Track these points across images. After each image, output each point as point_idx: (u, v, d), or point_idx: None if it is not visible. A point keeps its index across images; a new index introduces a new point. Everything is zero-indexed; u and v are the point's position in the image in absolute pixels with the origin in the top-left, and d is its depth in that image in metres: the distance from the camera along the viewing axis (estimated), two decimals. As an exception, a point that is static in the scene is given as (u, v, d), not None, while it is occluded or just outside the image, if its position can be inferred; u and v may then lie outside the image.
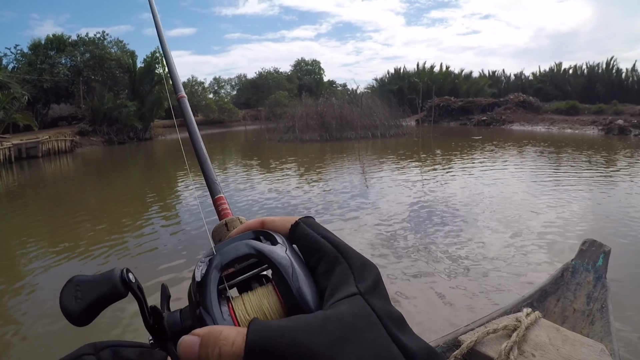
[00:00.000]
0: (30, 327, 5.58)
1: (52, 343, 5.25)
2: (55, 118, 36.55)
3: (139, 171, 21.93)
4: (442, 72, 60.05)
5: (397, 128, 34.91)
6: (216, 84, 69.19)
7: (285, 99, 52.00)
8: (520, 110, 42.31)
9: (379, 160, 20.66)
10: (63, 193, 15.35)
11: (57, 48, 38.01)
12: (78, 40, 39.20)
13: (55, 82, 35.01)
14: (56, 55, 37.13)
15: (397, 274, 6.68)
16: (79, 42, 39.01)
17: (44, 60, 35.47)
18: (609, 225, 8.83)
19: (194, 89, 52.88)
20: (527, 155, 20.50)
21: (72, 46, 38.26)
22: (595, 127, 31.44)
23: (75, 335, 5.48)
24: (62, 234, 9.77)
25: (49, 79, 34.41)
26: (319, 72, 78.97)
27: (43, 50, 36.89)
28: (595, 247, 4.14)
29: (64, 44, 38.30)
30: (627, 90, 43.29)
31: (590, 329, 3.54)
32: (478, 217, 9.70)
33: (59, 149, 28.01)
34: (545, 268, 6.62)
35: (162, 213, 11.57)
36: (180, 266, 7.39)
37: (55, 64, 36.22)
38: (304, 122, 32.94)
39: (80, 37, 39.79)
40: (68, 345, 3.47)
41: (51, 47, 38.00)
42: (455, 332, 3.12)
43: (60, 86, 35.94)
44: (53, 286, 6.74)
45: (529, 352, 2.78)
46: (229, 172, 18.93)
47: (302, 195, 12.78)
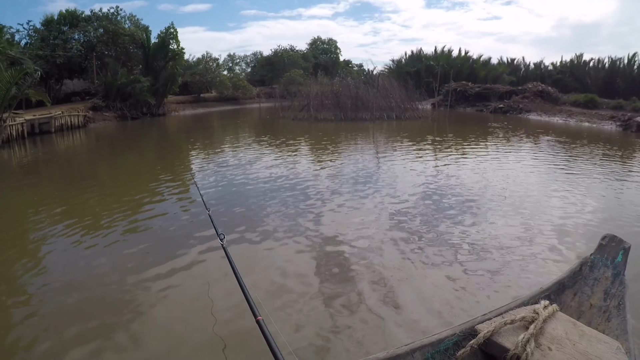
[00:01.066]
0: (40, 299, 5.43)
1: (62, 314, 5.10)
2: (68, 94, 36.54)
3: (152, 147, 21.81)
4: (461, 57, 59.42)
5: (412, 111, 34.59)
6: (230, 61, 68.93)
7: (301, 78, 51.63)
8: (538, 99, 41.78)
9: (394, 143, 20.49)
10: (75, 168, 15.24)
11: (70, 23, 37.58)
12: (91, 16, 38.77)
13: (68, 58, 34.73)
14: (69, 31, 36.74)
15: (409, 258, 6.54)
16: (92, 18, 38.56)
17: (56, 36, 35.11)
18: (623, 221, 8.49)
19: (208, 65, 52.49)
20: (544, 145, 20.09)
21: (86, 21, 37.84)
22: (613, 122, 30.87)
23: (86, 307, 5.35)
24: (73, 207, 9.67)
25: (62, 55, 34.12)
26: (335, 51, 78.53)
27: (56, 25, 36.47)
28: (615, 242, 4.09)
29: (77, 20, 37.87)
30: (649, 87, 42.17)
31: (606, 326, 3.44)
32: (492, 205, 9.51)
33: (71, 125, 27.90)
34: (557, 261, 6.43)
35: (174, 189, 11.39)
36: (192, 238, 7.29)
37: (68, 40, 35.89)
38: (318, 101, 32.78)
39: (94, 12, 39.42)
40: (80, 316, 3.22)
41: (64, 23, 37.54)
42: (472, 321, 3.02)
43: (73, 62, 35.67)
44: (65, 258, 6.63)
45: (546, 346, 2.72)
46: (241, 148, 18.75)
47: (314, 175, 12.67)
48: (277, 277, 5.84)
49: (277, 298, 5.28)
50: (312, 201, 9.70)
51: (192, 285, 5.75)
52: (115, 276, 5.96)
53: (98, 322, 4.84)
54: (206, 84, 51.87)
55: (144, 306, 5.19)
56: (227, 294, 5.24)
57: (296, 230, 7.75)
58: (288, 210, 9.04)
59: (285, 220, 8.38)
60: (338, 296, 5.32)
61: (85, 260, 6.56)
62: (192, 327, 4.75)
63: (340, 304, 5.14)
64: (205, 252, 6.72)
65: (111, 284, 5.75)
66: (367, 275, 5.90)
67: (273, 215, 8.70)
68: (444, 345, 2.81)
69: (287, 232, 7.66)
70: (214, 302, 5.10)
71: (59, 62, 33.88)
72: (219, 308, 5.00)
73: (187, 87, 49.62)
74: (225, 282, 5.51)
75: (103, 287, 5.68)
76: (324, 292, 5.42)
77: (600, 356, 2.68)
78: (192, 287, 5.69)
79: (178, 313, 5.06)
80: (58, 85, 35.79)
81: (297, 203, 9.56)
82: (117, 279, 5.87)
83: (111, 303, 5.28)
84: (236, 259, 6.26)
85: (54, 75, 34.98)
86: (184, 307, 5.22)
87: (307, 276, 5.90)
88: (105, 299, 5.40)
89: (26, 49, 32.33)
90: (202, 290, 5.50)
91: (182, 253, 6.71)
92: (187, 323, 4.84)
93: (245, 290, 2.87)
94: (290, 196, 10.19)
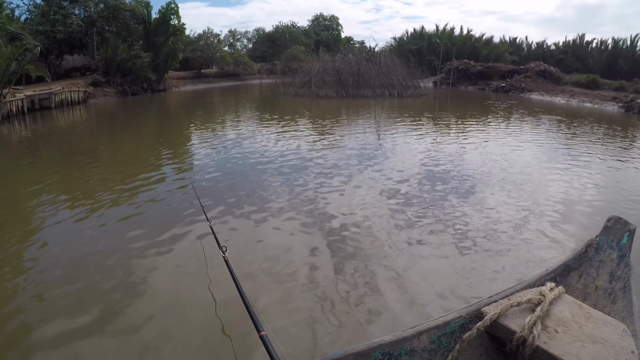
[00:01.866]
0: (40, 275, 5.44)
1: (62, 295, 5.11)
2: (69, 69, 36.19)
3: (152, 123, 21.77)
4: (463, 35, 58.95)
5: (414, 88, 34.45)
6: (232, 37, 68.41)
7: (302, 54, 51.41)
8: (540, 79, 41.60)
9: (395, 120, 20.44)
10: (76, 144, 15.17)
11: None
12: (92, -9, 38.21)
13: (68, 33, 34.47)
14: (69, 6, 36.18)
15: (411, 239, 6.50)
16: (93, -7, 38.02)
17: (57, 11, 34.63)
18: (629, 202, 8.53)
19: (209, 41, 52.15)
20: (545, 125, 20.04)
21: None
22: (615, 103, 30.73)
23: (81, 286, 5.39)
24: (74, 184, 9.64)
25: (62, 30, 33.85)
26: (337, 28, 77.70)
27: (56, 1, 35.75)
28: (621, 224, 4.04)
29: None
30: (651, 69, 41.95)
31: (611, 308, 3.43)
32: (491, 185, 9.52)
33: (72, 100, 27.73)
34: (559, 242, 6.44)
35: (174, 165, 11.42)
36: (189, 215, 7.33)
37: (68, 15, 35.44)
38: (320, 77, 32.66)
39: (95, -13, 38.79)
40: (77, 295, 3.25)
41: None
42: (478, 303, 3.01)
43: (74, 37, 35.40)
44: (65, 237, 6.60)
45: (552, 328, 2.73)
46: (243, 124, 18.73)
47: (315, 151, 12.70)
48: (275, 261, 5.81)
49: (275, 283, 5.28)
50: (313, 180, 9.70)
51: (189, 261, 5.83)
52: (116, 254, 6.00)
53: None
54: (207, 59, 51.54)
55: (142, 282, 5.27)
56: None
57: (296, 210, 7.76)
58: (286, 189, 9.03)
59: (284, 199, 8.39)
60: (338, 280, 5.33)
61: (83, 236, 6.62)
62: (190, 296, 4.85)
63: (341, 287, 5.16)
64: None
65: (111, 263, 5.79)
66: (371, 257, 5.89)
67: (272, 193, 8.73)
68: (450, 328, 2.82)
69: (287, 212, 7.67)
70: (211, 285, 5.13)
71: (59, 38, 33.61)
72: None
73: (188, 63, 49.27)
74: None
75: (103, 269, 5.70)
76: (323, 276, 5.42)
77: (607, 338, 2.69)
78: (189, 263, 5.76)
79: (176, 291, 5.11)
80: (58, 60, 35.43)
81: (296, 181, 9.56)
82: (117, 257, 5.93)
83: (110, 279, 5.34)
84: (232, 240, 6.29)
85: (54, 50, 34.65)
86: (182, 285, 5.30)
87: (309, 259, 5.89)
88: (104, 276, 5.47)
89: (26, 25, 32.04)
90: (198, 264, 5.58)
91: (177, 232, 6.73)
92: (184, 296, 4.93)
93: (249, 305, 2.86)
94: (290, 174, 10.19)
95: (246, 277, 5.11)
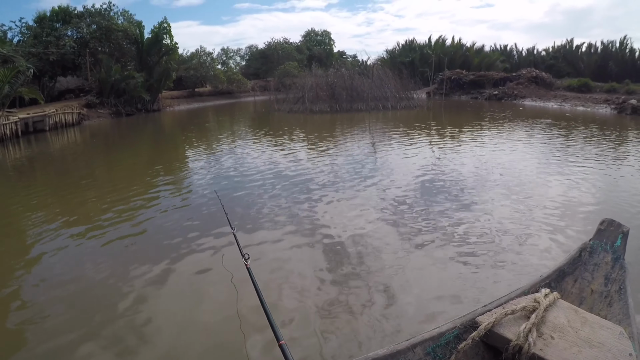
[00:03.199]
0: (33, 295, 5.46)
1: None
2: (62, 91, 36.32)
3: (148, 144, 21.70)
4: (454, 45, 59.29)
5: (408, 100, 34.60)
6: (224, 55, 68.65)
7: (295, 70, 51.48)
8: (533, 85, 41.90)
9: (390, 132, 20.47)
10: (71, 167, 15.17)
11: (62, 20, 37.17)
12: (84, 12, 38.38)
13: (61, 55, 34.34)
14: (62, 28, 36.30)
15: (402, 246, 6.56)
16: (85, 14, 38.20)
17: (49, 33, 34.75)
18: (622, 205, 8.54)
19: (202, 60, 52.33)
20: (539, 131, 20.14)
21: (78, 18, 37.45)
22: (608, 105, 31.03)
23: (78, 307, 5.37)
24: (69, 207, 9.58)
25: (55, 52, 33.74)
26: (329, 42, 78.19)
27: (49, 22, 36.12)
28: (614, 227, 4.06)
29: (69, 16, 37.46)
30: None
31: (608, 311, 3.43)
32: (487, 192, 9.55)
33: (66, 122, 27.74)
34: (556, 246, 6.46)
35: (170, 186, 11.33)
36: (188, 240, 7.24)
37: (61, 36, 35.49)
38: (313, 93, 32.74)
39: (87, 8, 39.05)
40: (71, 318, 3.26)
41: (57, 19, 37.15)
42: (472, 312, 3.01)
43: (67, 58, 35.27)
44: (62, 260, 6.55)
45: (548, 334, 2.72)
46: (239, 142, 18.74)
47: (311, 166, 12.67)
48: (275, 272, 5.83)
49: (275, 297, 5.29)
50: (311, 193, 9.71)
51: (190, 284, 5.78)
52: (115, 276, 5.96)
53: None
54: (200, 78, 51.66)
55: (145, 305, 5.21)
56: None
57: (296, 222, 7.76)
58: (285, 202, 9.04)
59: (282, 212, 8.38)
60: (339, 292, 5.32)
61: (83, 260, 6.57)
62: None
63: (342, 299, 5.14)
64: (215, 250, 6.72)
65: (110, 283, 5.76)
66: (370, 268, 5.89)
67: (270, 207, 8.73)
68: (445, 339, 2.82)
69: (286, 224, 7.68)
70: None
71: (52, 59, 33.52)
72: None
73: (182, 82, 49.33)
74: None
75: (103, 287, 5.68)
76: (322, 290, 5.40)
77: (604, 342, 2.69)
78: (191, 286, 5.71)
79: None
80: (51, 82, 35.55)
81: (295, 195, 9.57)
82: (116, 278, 5.89)
83: (109, 301, 5.29)
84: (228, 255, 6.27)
85: (47, 72, 34.62)
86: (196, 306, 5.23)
87: (308, 272, 5.88)
88: (103, 298, 5.41)
89: (19, 47, 32.09)
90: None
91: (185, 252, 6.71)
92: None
93: (269, 314, 2.82)
94: (288, 188, 10.19)
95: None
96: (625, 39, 44.70)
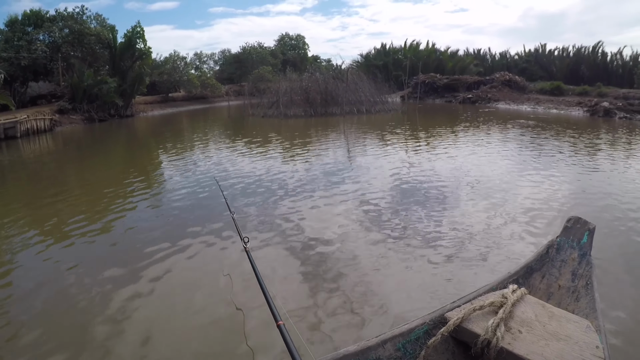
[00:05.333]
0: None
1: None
2: (34, 97, 35.56)
3: (121, 150, 21.45)
4: (428, 49, 59.95)
5: (382, 104, 34.79)
6: (197, 59, 68.34)
7: (269, 74, 51.53)
8: (506, 89, 42.53)
9: (364, 136, 20.59)
10: (44, 174, 14.93)
11: (34, 24, 36.52)
12: (56, 16, 37.76)
13: (33, 60, 33.68)
14: (34, 32, 35.76)
15: (379, 249, 6.61)
16: (57, 18, 37.56)
17: (21, 37, 34.14)
18: (592, 203, 8.87)
19: (175, 64, 51.90)
20: (513, 133, 20.51)
21: (50, 22, 36.81)
22: (580, 108, 31.74)
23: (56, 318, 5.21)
24: (43, 216, 9.37)
25: (27, 56, 33.09)
26: (303, 47, 78.25)
27: (20, 26, 35.44)
28: (580, 224, 4.27)
29: (41, 20, 36.80)
30: (612, 73, 43.63)
31: (575, 305, 3.56)
32: (461, 193, 9.74)
33: (37, 129, 27.25)
34: (526, 244, 6.66)
35: (145, 191, 11.20)
36: (164, 248, 7.09)
37: (33, 41, 34.83)
38: (288, 97, 32.75)
39: (59, 12, 38.37)
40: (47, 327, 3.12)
41: (28, 23, 36.50)
42: (441, 309, 3.11)
43: (39, 63, 34.65)
44: (35, 272, 6.34)
45: (516, 329, 2.80)
46: (212, 149, 18.59)
47: (285, 171, 12.69)
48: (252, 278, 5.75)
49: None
50: (287, 198, 9.71)
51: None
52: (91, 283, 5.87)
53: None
54: (174, 83, 51.21)
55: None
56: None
57: (272, 230, 7.73)
58: (260, 208, 9.01)
59: (258, 218, 8.36)
60: (310, 294, 5.35)
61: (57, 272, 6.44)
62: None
63: (315, 301, 5.17)
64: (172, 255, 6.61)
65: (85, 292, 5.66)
66: (347, 271, 5.92)
67: (246, 213, 8.67)
68: (414, 335, 2.86)
69: (261, 232, 7.62)
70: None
71: (23, 64, 32.89)
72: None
73: (155, 87, 48.92)
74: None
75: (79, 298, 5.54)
76: (297, 293, 5.43)
77: (571, 335, 2.76)
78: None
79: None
80: (23, 88, 34.71)
81: (270, 200, 9.54)
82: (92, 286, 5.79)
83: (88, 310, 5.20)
84: (204, 262, 6.22)
85: (19, 77, 33.88)
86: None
87: (286, 277, 5.88)
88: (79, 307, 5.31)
89: (-12, 51, 31.60)
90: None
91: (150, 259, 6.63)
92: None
93: (268, 295, 2.90)
94: (264, 193, 10.18)
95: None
96: (598, 44, 45.67)
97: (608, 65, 44.83)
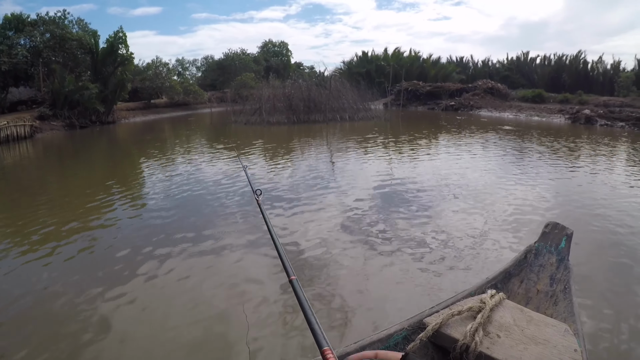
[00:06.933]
0: None
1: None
2: (14, 102, 35.17)
3: (103, 157, 21.22)
4: (411, 57, 60.45)
5: (365, 111, 34.91)
6: (180, 66, 68.09)
7: (252, 81, 51.33)
8: (489, 96, 42.98)
9: (347, 144, 20.64)
10: (24, 183, 14.76)
11: (15, 28, 36.00)
12: (38, 20, 37.26)
13: (13, 65, 33.30)
14: (14, 36, 35.25)
15: (361, 254, 6.68)
16: (38, 22, 37.06)
17: (1, 42, 33.77)
18: (572, 209, 9.07)
19: (158, 70, 51.58)
20: (495, 140, 20.73)
21: (32, 26, 36.31)
22: (562, 115, 32.27)
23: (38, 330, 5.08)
24: (22, 227, 9.11)
25: (7, 61, 32.72)
26: (286, 54, 78.22)
27: (0, 30, 35.08)
28: (558, 229, 4.26)
29: (22, 24, 36.29)
30: (593, 81, 44.44)
31: (554, 310, 3.62)
32: (444, 200, 9.84)
33: (17, 135, 26.91)
34: (508, 250, 6.75)
35: (127, 200, 11.06)
36: (144, 254, 7.07)
37: (13, 45, 34.43)
38: (271, 104, 32.70)
39: (40, 16, 37.89)
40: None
41: (9, 27, 35.96)
42: (420, 314, 3.14)
43: (19, 68, 34.28)
44: (17, 286, 6.15)
45: (494, 333, 2.83)
46: (195, 156, 18.47)
47: (268, 178, 12.64)
48: (238, 287, 5.79)
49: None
50: (267, 202, 9.67)
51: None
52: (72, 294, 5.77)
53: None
54: (156, 89, 50.82)
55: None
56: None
57: (252, 233, 7.72)
58: (242, 218, 8.95)
59: (238, 227, 8.36)
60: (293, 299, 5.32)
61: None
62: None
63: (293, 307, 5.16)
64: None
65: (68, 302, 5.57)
66: (325, 278, 5.93)
67: (227, 223, 8.65)
68: (393, 340, 2.89)
69: (244, 240, 7.58)
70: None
71: (3, 69, 32.48)
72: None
73: (137, 93, 48.37)
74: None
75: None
76: (280, 298, 5.42)
77: (549, 339, 2.79)
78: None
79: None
80: (3, 93, 34.27)
81: (252, 209, 9.42)
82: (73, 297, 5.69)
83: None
84: (180, 273, 6.14)
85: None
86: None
87: (270, 288, 5.82)
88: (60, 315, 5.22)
89: (-32, 56, 31.18)
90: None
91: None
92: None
93: (280, 249, 2.79)
94: (245, 202, 10.09)
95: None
96: (580, 53, 46.41)
97: (589, 73, 45.63)
